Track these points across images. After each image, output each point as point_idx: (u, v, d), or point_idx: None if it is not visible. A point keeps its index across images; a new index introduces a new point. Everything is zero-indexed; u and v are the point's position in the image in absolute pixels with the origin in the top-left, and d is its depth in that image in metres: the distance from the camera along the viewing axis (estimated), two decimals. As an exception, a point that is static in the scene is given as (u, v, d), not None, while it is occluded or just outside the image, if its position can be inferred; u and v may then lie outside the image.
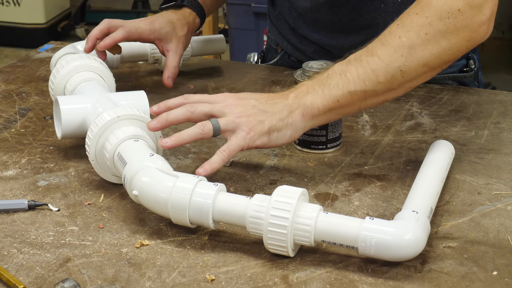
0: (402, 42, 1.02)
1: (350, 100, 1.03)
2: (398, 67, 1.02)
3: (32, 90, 1.41)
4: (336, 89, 1.03)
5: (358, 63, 1.03)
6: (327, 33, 1.40)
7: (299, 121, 1.04)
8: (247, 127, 1.02)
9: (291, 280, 0.86)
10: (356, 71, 1.03)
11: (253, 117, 1.02)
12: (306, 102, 1.03)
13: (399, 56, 1.02)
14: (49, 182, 1.08)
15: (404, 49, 1.02)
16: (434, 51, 1.02)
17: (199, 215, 0.92)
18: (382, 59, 1.03)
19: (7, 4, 4.37)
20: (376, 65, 1.03)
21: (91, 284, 0.85)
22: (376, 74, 1.02)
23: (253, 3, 3.05)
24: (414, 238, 0.86)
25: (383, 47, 1.03)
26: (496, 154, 1.16)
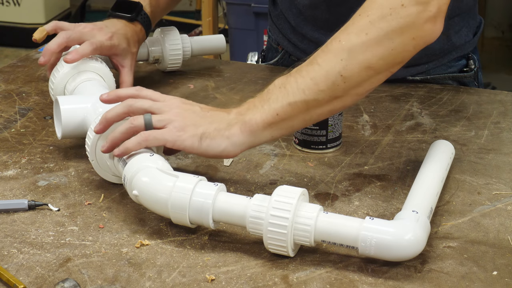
0: (342, 45, 0.97)
1: (290, 112, 0.99)
2: (339, 72, 0.96)
3: (32, 90, 1.41)
4: (275, 103, 0.99)
5: (298, 73, 0.99)
6: (325, 31, 1.40)
7: (237, 135, 0.99)
8: (180, 125, 0.99)
9: (291, 280, 0.86)
10: (296, 82, 0.98)
11: (189, 119, 0.99)
12: (245, 118, 0.99)
13: (339, 60, 0.97)
14: (49, 182, 1.08)
15: (344, 52, 0.96)
16: (376, 52, 0.96)
17: (199, 215, 0.92)
18: (321, 66, 0.98)
19: (7, 4, 4.37)
20: (316, 73, 0.97)
21: (91, 284, 0.85)
22: (316, 82, 0.97)
23: (253, 3, 3.06)
24: (414, 238, 0.86)
25: (323, 54, 0.99)
26: (496, 154, 1.16)
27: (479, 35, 1.47)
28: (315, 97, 0.98)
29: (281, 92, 0.99)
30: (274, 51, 1.57)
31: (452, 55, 1.43)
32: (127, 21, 1.34)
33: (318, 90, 0.97)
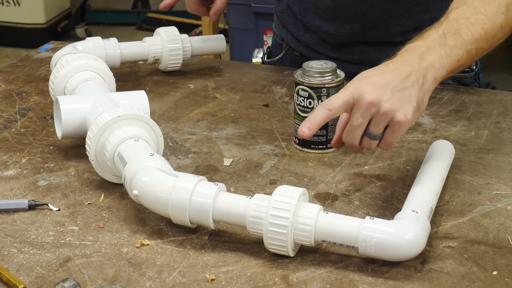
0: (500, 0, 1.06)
1: (466, 59, 1.04)
2: (500, 24, 1.05)
3: (32, 90, 1.41)
4: (456, 49, 1.02)
5: (467, 21, 1.04)
6: (326, 20, 1.41)
7: (432, 84, 1.00)
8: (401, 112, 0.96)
9: (291, 280, 0.86)
10: (469, 30, 1.03)
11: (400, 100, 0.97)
12: (435, 64, 1.00)
13: (501, 13, 1.05)
14: (49, 182, 1.08)
15: (504, 6, 1.06)
16: None
17: (199, 215, 0.92)
18: (488, 17, 1.04)
19: (7, 4, 4.37)
20: (485, 23, 1.04)
21: (91, 284, 0.85)
22: (486, 32, 1.04)
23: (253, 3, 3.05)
24: (414, 238, 0.86)
25: (485, 5, 1.05)
26: (496, 154, 1.16)
27: None
28: (483, 45, 1.05)
29: (458, 39, 1.03)
30: (279, 47, 1.58)
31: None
32: None
33: (486, 39, 1.05)
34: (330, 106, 0.97)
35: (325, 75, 1.14)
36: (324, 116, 0.97)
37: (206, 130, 1.25)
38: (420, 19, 1.37)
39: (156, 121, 1.23)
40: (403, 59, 1.00)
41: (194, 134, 1.24)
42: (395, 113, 0.96)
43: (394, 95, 0.96)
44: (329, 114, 0.97)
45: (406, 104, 0.97)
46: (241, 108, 1.35)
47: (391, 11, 1.36)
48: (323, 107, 0.98)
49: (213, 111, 1.33)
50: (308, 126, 0.96)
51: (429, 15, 1.37)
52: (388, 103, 0.96)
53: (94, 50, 1.39)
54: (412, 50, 1.01)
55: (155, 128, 1.07)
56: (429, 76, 0.99)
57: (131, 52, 1.45)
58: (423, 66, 0.99)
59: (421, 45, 1.02)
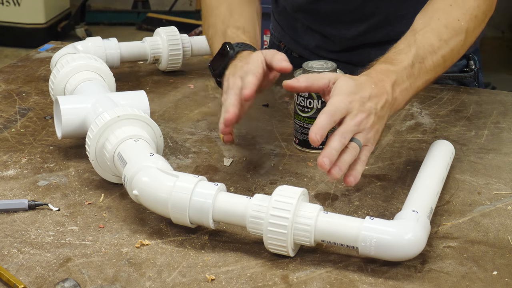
0: (461, 26, 1.06)
1: (422, 89, 1.06)
2: (458, 51, 1.07)
3: (32, 90, 1.41)
4: (418, 80, 1.04)
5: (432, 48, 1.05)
6: (329, 23, 1.40)
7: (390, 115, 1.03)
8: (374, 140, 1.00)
9: (291, 280, 0.86)
10: (432, 60, 1.05)
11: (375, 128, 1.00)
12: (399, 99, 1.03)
13: (459, 40, 1.06)
14: (49, 182, 1.08)
15: (463, 33, 1.07)
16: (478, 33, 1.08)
17: (199, 215, 0.92)
18: (448, 45, 1.05)
19: (7, 4, 4.37)
20: (445, 51, 1.05)
21: (91, 284, 0.85)
22: (445, 60, 1.06)
23: (253, 3, 3.05)
24: (414, 238, 0.86)
25: (447, 31, 1.06)
26: (496, 154, 1.16)
27: (481, 36, 1.47)
28: (440, 72, 1.07)
29: (421, 69, 1.05)
30: (277, 49, 1.57)
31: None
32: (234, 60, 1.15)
33: (444, 67, 1.07)
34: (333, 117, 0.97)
35: (325, 75, 1.14)
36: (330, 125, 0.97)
37: (206, 130, 1.25)
38: None
39: (156, 121, 1.23)
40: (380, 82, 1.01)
41: (194, 134, 1.24)
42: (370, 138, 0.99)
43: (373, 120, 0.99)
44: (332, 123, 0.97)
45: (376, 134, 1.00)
46: (241, 108, 1.34)
47: (397, 11, 1.36)
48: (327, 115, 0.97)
49: (213, 111, 1.33)
50: (320, 134, 0.95)
51: None
52: (371, 126, 0.98)
53: (94, 50, 1.40)
54: (385, 74, 1.03)
55: (155, 128, 1.07)
56: (393, 108, 1.03)
57: (131, 52, 1.46)
58: (393, 97, 1.02)
59: (393, 72, 1.03)
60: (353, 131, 0.97)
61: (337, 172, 0.94)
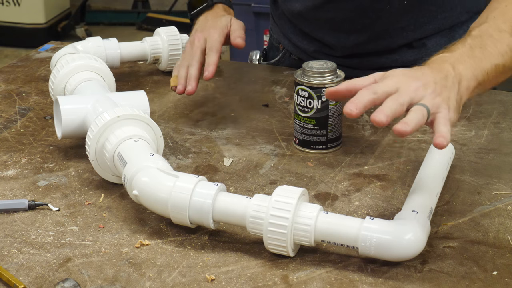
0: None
1: (494, 74, 1.02)
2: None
3: (32, 90, 1.41)
4: (484, 62, 1.01)
5: (491, 37, 1.04)
6: (329, 31, 1.40)
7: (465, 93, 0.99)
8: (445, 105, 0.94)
9: (291, 280, 0.86)
10: (495, 45, 1.03)
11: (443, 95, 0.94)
12: (468, 74, 0.99)
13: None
14: (49, 182, 1.08)
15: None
16: None
17: (199, 215, 0.92)
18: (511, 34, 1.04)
19: (7, 4, 4.37)
20: (509, 41, 1.04)
21: (91, 284, 0.85)
22: (510, 49, 1.04)
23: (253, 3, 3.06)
24: (414, 238, 0.86)
25: (507, 24, 1.05)
26: (496, 154, 1.16)
27: None
28: (509, 62, 1.04)
29: (485, 53, 1.02)
30: (276, 50, 1.57)
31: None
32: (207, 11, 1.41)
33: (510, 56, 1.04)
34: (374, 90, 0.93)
35: (325, 75, 1.14)
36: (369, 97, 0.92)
37: (206, 130, 1.25)
38: (424, 30, 1.38)
39: (156, 121, 1.23)
40: (437, 65, 0.98)
41: (194, 134, 1.24)
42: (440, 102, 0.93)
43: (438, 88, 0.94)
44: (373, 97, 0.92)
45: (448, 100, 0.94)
46: (241, 108, 1.35)
47: (397, 23, 1.36)
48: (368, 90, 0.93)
49: (213, 111, 1.33)
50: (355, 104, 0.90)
51: (434, 26, 1.38)
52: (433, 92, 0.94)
53: (94, 50, 1.39)
54: (442, 59, 1.00)
55: (155, 128, 1.07)
56: (463, 84, 0.98)
57: (131, 52, 1.46)
58: (457, 73, 0.98)
59: (450, 56, 1.00)
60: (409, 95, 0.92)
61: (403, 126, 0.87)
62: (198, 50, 1.31)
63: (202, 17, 1.40)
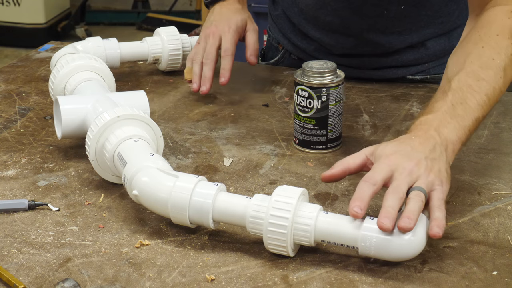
0: (497, 64, 1.05)
1: (474, 128, 1.03)
2: (500, 88, 1.06)
3: (32, 90, 1.41)
4: (466, 119, 1.01)
5: (471, 89, 1.04)
6: (327, 32, 1.41)
7: (451, 157, 0.99)
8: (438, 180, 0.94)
9: (291, 280, 0.86)
10: (475, 98, 1.03)
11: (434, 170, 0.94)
12: (452, 137, 0.99)
13: (499, 78, 1.05)
14: (49, 182, 1.08)
15: (501, 71, 1.05)
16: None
17: (199, 215, 0.92)
18: (489, 83, 1.04)
19: (7, 4, 4.37)
20: (487, 89, 1.04)
21: (91, 284, 0.85)
22: (489, 98, 1.04)
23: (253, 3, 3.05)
24: (414, 238, 0.86)
25: (484, 71, 1.05)
26: (496, 154, 1.16)
27: None
28: (487, 111, 1.05)
29: (466, 109, 1.02)
30: (275, 50, 1.57)
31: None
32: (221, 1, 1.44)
33: (490, 105, 1.05)
34: (373, 181, 0.93)
35: (325, 75, 1.14)
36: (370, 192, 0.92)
37: (206, 130, 1.25)
38: (421, 34, 1.38)
39: (156, 121, 1.23)
40: (424, 132, 0.99)
41: (194, 134, 1.24)
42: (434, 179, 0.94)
43: (429, 164, 0.95)
44: (374, 189, 0.92)
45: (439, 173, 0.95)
46: (241, 108, 1.35)
47: (393, 28, 1.36)
48: (366, 182, 0.93)
49: (213, 111, 1.33)
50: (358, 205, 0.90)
51: (431, 30, 1.38)
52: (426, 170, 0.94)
53: (94, 50, 1.39)
54: (427, 124, 1.00)
55: (155, 128, 1.07)
56: (449, 150, 0.98)
57: (131, 52, 1.46)
58: (443, 139, 0.98)
59: (434, 118, 1.00)
60: (406, 182, 0.92)
61: (407, 222, 0.86)
62: (213, 48, 1.37)
63: (217, 7, 1.44)
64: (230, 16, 1.41)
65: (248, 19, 1.43)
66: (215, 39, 1.37)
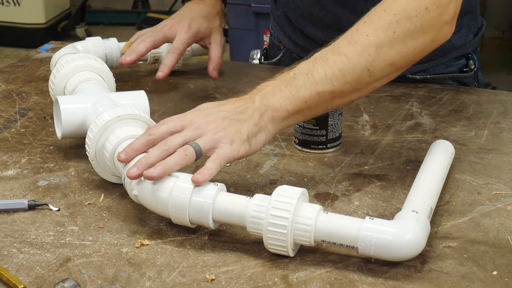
0: (369, 41, 0.99)
1: (317, 101, 1.00)
2: (366, 67, 0.99)
3: (32, 90, 1.41)
4: (304, 90, 0.99)
5: (324, 62, 1.00)
6: (321, 28, 1.41)
7: (270, 124, 1.00)
8: (228, 139, 0.97)
9: (291, 280, 0.86)
10: (323, 71, 0.99)
11: (229, 128, 0.97)
12: (275, 104, 0.99)
13: (367, 55, 0.99)
14: (49, 182, 1.08)
15: (372, 48, 0.99)
16: (401, 51, 0.99)
17: (199, 215, 0.92)
18: (349, 59, 0.99)
19: (7, 4, 4.37)
20: (344, 64, 0.99)
21: (91, 284, 0.85)
22: (344, 74, 0.99)
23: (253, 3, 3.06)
24: (414, 238, 0.86)
25: (351, 46, 1.00)
26: (496, 154, 1.16)
27: (480, 36, 1.47)
28: (341, 88, 1.00)
29: (309, 79, 1.00)
30: (276, 49, 1.58)
31: (452, 54, 1.43)
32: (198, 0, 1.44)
33: (345, 82, 0.99)
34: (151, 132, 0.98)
35: (325, 75, 1.14)
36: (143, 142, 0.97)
37: (206, 130, 1.25)
38: None
39: (156, 121, 1.22)
40: (248, 96, 1.01)
41: (194, 134, 1.24)
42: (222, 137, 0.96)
43: (225, 123, 0.97)
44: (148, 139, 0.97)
45: (235, 133, 0.97)
46: (241, 108, 1.34)
47: None
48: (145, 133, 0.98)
49: (213, 111, 1.33)
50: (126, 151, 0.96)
51: None
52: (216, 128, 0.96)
53: (94, 50, 1.40)
54: (258, 89, 1.02)
55: (155, 128, 1.07)
56: (267, 115, 0.99)
57: (131, 52, 1.45)
58: (263, 104, 0.99)
59: (268, 84, 1.02)
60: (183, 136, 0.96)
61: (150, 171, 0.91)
62: (161, 32, 1.39)
63: (190, 4, 1.45)
64: (196, 18, 1.41)
65: (216, 29, 1.42)
66: (170, 30, 1.38)
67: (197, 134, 0.97)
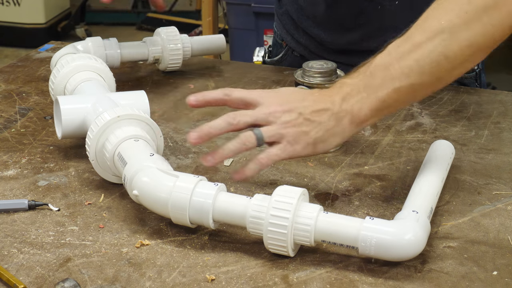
0: (441, 25, 0.94)
1: (396, 98, 0.96)
2: (442, 52, 0.94)
3: (32, 90, 1.41)
4: (381, 89, 0.95)
5: (398, 54, 0.96)
6: (324, 28, 1.41)
7: (347, 128, 0.97)
8: (293, 138, 0.95)
9: (291, 280, 0.86)
10: (399, 64, 0.95)
11: (299, 127, 0.95)
12: (354, 109, 0.96)
13: (441, 40, 0.94)
14: (49, 182, 1.08)
15: (445, 32, 0.94)
16: (477, 30, 0.94)
17: (199, 215, 0.92)
18: (423, 47, 0.95)
19: (7, 4, 4.37)
20: (418, 54, 0.94)
21: (91, 284, 0.85)
22: (420, 65, 0.94)
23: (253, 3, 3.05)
24: (414, 238, 0.86)
25: (423, 33, 0.96)
26: (496, 154, 1.16)
27: None
28: (420, 80, 0.95)
29: (386, 76, 0.95)
30: (279, 47, 1.59)
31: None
32: None
33: (422, 72, 0.95)
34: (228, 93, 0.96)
35: (325, 75, 1.14)
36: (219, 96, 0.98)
37: (206, 130, 1.25)
38: None
39: (156, 121, 1.23)
40: (329, 94, 0.98)
41: (194, 134, 1.24)
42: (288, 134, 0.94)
43: (298, 120, 0.95)
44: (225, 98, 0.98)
45: (302, 134, 0.95)
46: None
47: (388, 23, 1.36)
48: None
49: (213, 111, 1.33)
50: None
51: None
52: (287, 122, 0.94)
53: (94, 50, 1.39)
54: (338, 87, 0.99)
55: (155, 128, 1.07)
56: (345, 120, 0.97)
57: (131, 52, 1.45)
58: (342, 109, 0.96)
59: (347, 83, 0.98)
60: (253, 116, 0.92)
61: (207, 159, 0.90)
62: None
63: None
64: None
65: None
66: None
67: (267, 121, 0.94)
